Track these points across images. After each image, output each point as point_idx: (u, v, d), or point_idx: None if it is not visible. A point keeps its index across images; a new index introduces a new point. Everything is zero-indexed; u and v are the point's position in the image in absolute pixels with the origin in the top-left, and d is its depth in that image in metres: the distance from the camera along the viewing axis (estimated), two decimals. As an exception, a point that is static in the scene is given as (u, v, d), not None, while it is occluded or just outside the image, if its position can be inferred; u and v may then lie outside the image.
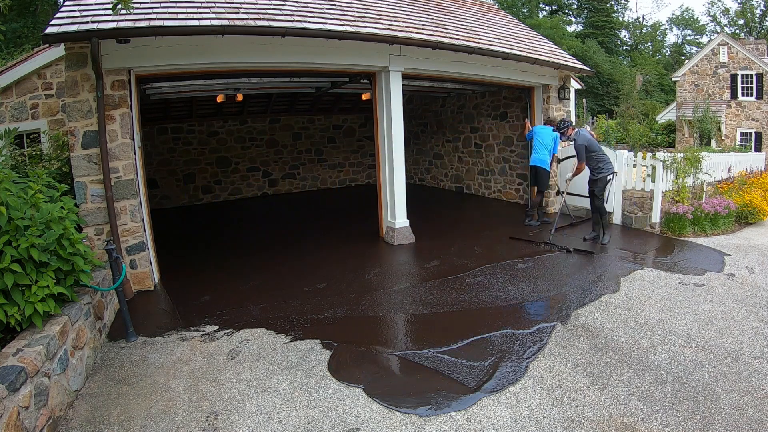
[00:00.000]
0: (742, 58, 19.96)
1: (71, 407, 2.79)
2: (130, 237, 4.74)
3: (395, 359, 3.33)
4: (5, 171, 3.05)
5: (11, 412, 2.13)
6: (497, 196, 9.74)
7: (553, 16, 39.03)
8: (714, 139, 19.76)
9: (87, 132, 4.52)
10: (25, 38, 15.75)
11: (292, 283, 4.91)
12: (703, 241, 6.21)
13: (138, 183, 4.79)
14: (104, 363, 3.35)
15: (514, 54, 6.82)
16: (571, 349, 3.38)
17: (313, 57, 5.63)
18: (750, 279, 4.76)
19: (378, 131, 6.58)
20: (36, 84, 7.01)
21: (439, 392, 2.90)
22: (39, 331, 2.69)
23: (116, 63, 4.57)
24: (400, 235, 6.37)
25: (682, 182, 7.10)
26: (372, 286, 4.80)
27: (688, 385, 2.88)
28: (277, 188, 11.51)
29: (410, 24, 6.41)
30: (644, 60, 36.33)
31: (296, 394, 2.92)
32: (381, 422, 2.63)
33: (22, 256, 2.71)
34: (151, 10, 4.70)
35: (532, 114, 8.32)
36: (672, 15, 47.87)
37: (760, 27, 35.74)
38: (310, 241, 6.66)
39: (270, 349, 3.51)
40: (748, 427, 2.47)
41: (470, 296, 4.43)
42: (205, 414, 2.74)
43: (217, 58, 5.08)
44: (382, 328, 3.85)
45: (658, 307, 4.06)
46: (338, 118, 12.19)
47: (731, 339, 3.47)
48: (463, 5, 9.15)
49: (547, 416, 2.64)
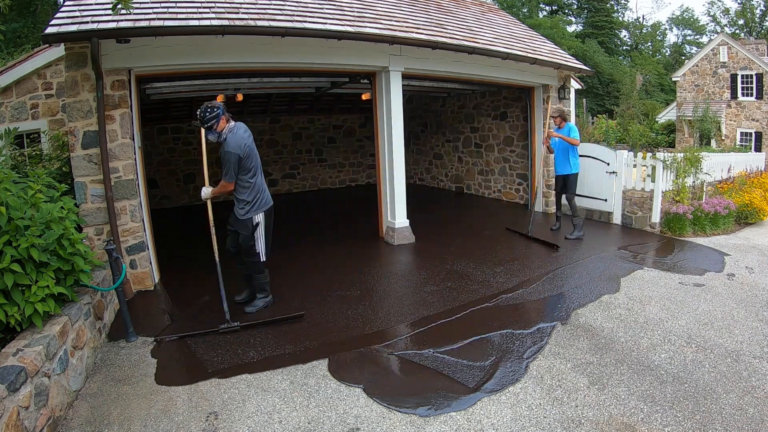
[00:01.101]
0: (742, 58, 19.96)
1: (71, 407, 2.78)
2: (130, 237, 4.74)
3: (395, 359, 3.33)
4: (5, 171, 3.05)
5: (11, 412, 2.13)
6: (497, 196, 9.74)
7: (553, 16, 39.02)
8: (714, 139, 19.77)
9: (87, 132, 4.52)
10: (25, 38, 15.75)
11: (292, 283, 4.91)
12: (703, 241, 6.20)
13: (138, 183, 4.79)
14: (104, 363, 3.34)
15: (514, 54, 6.82)
16: (570, 349, 3.39)
17: (313, 57, 5.63)
18: (750, 279, 4.76)
19: (378, 131, 6.58)
20: (36, 84, 7.02)
21: (438, 392, 2.89)
22: (39, 331, 2.69)
23: (116, 63, 4.57)
24: (400, 235, 6.37)
25: (682, 182, 7.10)
26: (372, 285, 4.80)
27: (688, 385, 2.88)
28: (277, 188, 11.50)
29: (410, 24, 6.41)
30: (644, 60, 36.33)
31: (296, 394, 2.92)
32: (381, 422, 2.63)
33: (22, 256, 2.71)
34: (151, 10, 4.70)
35: (532, 114, 8.32)
36: (672, 15, 47.92)
37: (760, 27, 35.74)
38: (310, 241, 6.65)
39: (270, 349, 3.51)
40: (748, 427, 2.47)
41: (470, 295, 4.43)
42: (205, 414, 2.74)
43: (217, 58, 5.08)
44: (382, 327, 3.85)
45: (658, 307, 4.06)
46: (338, 118, 12.19)
47: (731, 339, 3.47)
48: (463, 5, 9.15)
49: (547, 416, 2.64)
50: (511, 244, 6.20)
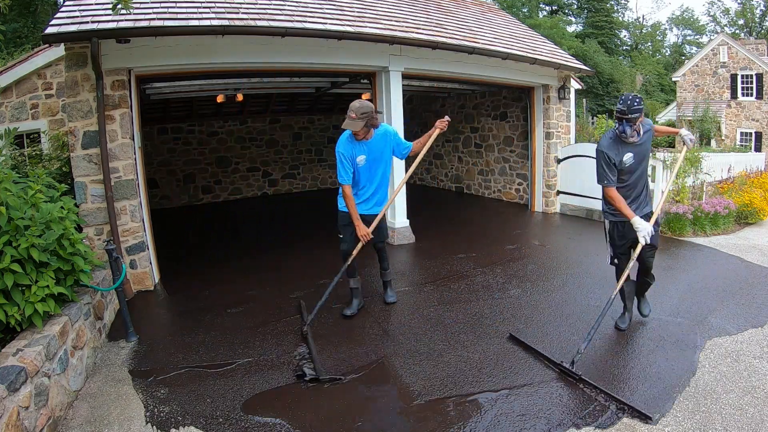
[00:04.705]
0: (742, 58, 19.96)
1: (71, 407, 2.78)
2: (130, 237, 4.74)
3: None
4: (5, 171, 3.05)
5: (11, 412, 2.13)
6: (497, 196, 9.74)
7: (553, 16, 39.01)
8: (714, 139, 19.76)
9: (87, 132, 4.52)
10: (25, 38, 15.73)
11: (293, 283, 4.90)
12: (702, 241, 6.20)
13: (138, 183, 4.79)
14: (104, 363, 3.34)
15: (514, 54, 6.82)
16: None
17: (313, 57, 5.62)
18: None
19: (378, 131, 6.57)
20: (36, 84, 7.01)
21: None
22: (39, 331, 2.69)
23: (116, 63, 4.57)
24: (400, 235, 6.37)
25: (682, 182, 7.10)
26: (371, 285, 4.80)
27: (688, 385, 2.88)
28: (277, 188, 11.50)
29: (410, 24, 6.41)
30: (644, 60, 36.30)
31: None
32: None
33: (22, 256, 2.71)
34: (151, 10, 4.70)
35: (532, 114, 8.32)
36: (672, 15, 47.85)
37: (760, 27, 35.73)
38: (310, 241, 6.65)
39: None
40: (748, 427, 2.46)
41: (470, 295, 4.44)
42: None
43: (217, 58, 5.08)
44: (382, 327, 3.85)
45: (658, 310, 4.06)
46: (338, 118, 12.09)
47: (731, 339, 3.46)
48: (463, 5, 9.16)
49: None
50: (513, 244, 6.20)
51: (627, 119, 3.12)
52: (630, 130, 3.15)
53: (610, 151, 3.25)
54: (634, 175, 3.33)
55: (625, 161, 3.24)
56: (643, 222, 3.21)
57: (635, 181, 3.35)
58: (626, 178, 3.32)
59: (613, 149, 3.26)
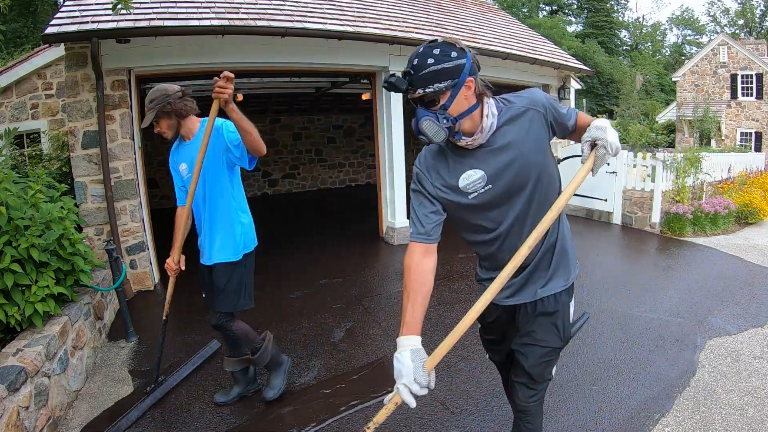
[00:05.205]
0: (742, 58, 19.96)
1: (71, 407, 2.78)
2: (130, 237, 4.74)
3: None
4: (5, 171, 3.05)
5: (11, 412, 2.13)
6: (497, 196, 9.73)
7: (553, 16, 39.05)
8: (714, 139, 19.77)
9: (87, 132, 4.53)
10: (25, 38, 15.74)
11: (293, 282, 4.91)
12: (702, 241, 6.20)
13: (138, 183, 4.80)
14: (104, 363, 3.35)
15: (514, 54, 6.82)
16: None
17: (313, 57, 5.62)
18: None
19: (378, 131, 6.58)
20: (36, 84, 7.02)
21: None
22: (39, 331, 2.69)
23: (116, 63, 4.57)
24: (400, 235, 6.37)
25: (682, 182, 7.10)
26: (371, 285, 4.80)
27: (688, 385, 2.88)
28: (277, 188, 11.51)
29: (410, 24, 6.41)
30: (644, 60, 36.32)
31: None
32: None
33: (22, 256, 2.71)
34: (151, 10, 4.71)
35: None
36: (672, 15, 47.93)
37: (760, 27, 35.75)
38: (310, 241, 6.65)
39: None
40: (748, 427, 2.46)
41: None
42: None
43: (217, 58, 5.08)
44: (382, 327, 3.85)
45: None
46: (338, 118, 12.19)
47: (731, 338, 3.46)
48: (463, 5, 9.16)
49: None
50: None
51: (420, 99, 1.45)
52: (443, 122, 1.45)
53: (429, 172, 1.67)
54: (504, 212, 1.61)
55: (469, 187, 1.57)
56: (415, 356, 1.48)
57: (514, 222, 1.61)
58: (487, 220, 1.66)
59: (438, 166, 1.65)
